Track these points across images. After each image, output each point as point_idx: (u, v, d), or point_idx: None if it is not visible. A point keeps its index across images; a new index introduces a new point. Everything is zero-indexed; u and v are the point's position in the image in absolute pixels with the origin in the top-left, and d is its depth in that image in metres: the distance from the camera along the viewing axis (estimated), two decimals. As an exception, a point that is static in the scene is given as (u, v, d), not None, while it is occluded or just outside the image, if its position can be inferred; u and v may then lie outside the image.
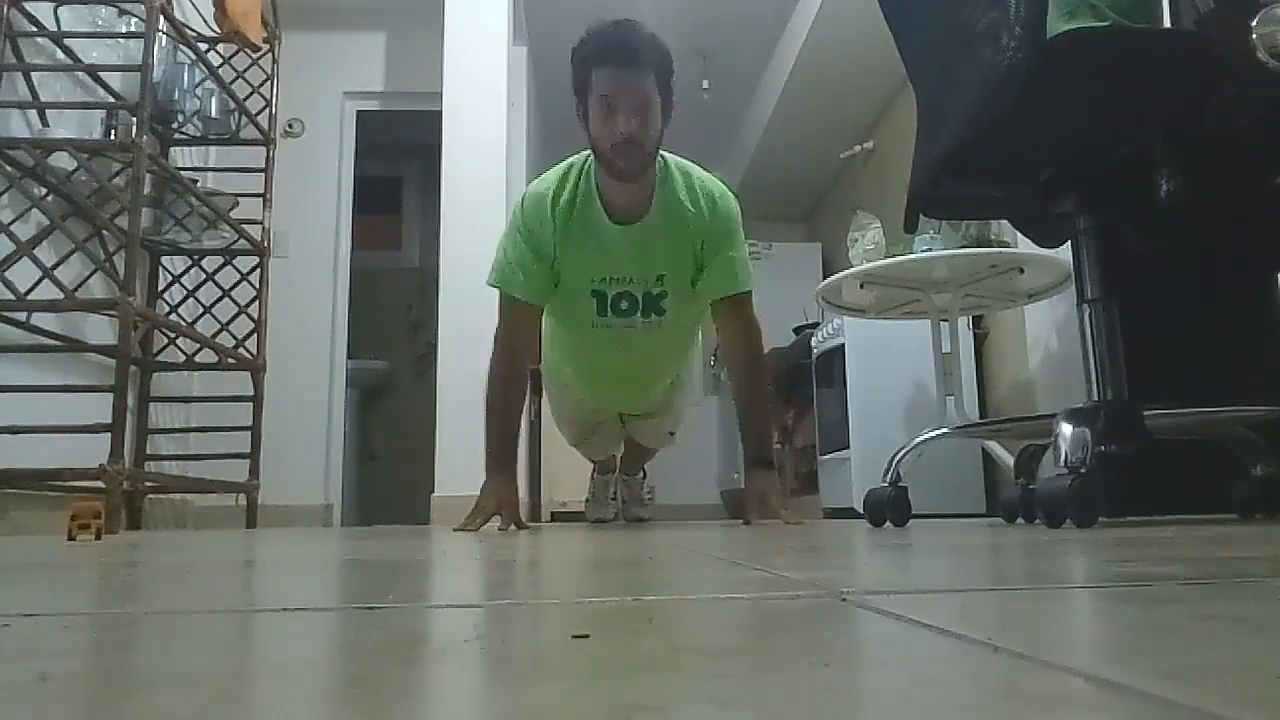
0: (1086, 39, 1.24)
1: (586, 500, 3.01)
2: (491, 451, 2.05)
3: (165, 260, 3.54)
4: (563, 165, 2.08)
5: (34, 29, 2.83)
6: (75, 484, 2.55)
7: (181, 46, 3.19)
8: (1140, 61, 1.29)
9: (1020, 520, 1.86)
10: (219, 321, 3.49)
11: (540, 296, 2.12)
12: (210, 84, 3.40)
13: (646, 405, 2.50)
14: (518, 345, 2.10)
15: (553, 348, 2.41)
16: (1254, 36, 1.14)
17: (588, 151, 2.03)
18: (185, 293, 3.54)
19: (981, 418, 3.42)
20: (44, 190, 2.76)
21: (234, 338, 3.46)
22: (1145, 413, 1.40)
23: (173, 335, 3.41)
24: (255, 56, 3.69)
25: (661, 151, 2.02)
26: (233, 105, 3.52)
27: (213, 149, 3.90)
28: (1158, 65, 1.29)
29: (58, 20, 2.91)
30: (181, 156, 3.72)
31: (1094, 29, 1.26)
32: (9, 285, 2.52)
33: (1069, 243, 1.57)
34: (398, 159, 5.72)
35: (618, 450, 2.82)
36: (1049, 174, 1.50)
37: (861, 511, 1.94)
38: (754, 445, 2.11)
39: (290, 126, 4.38)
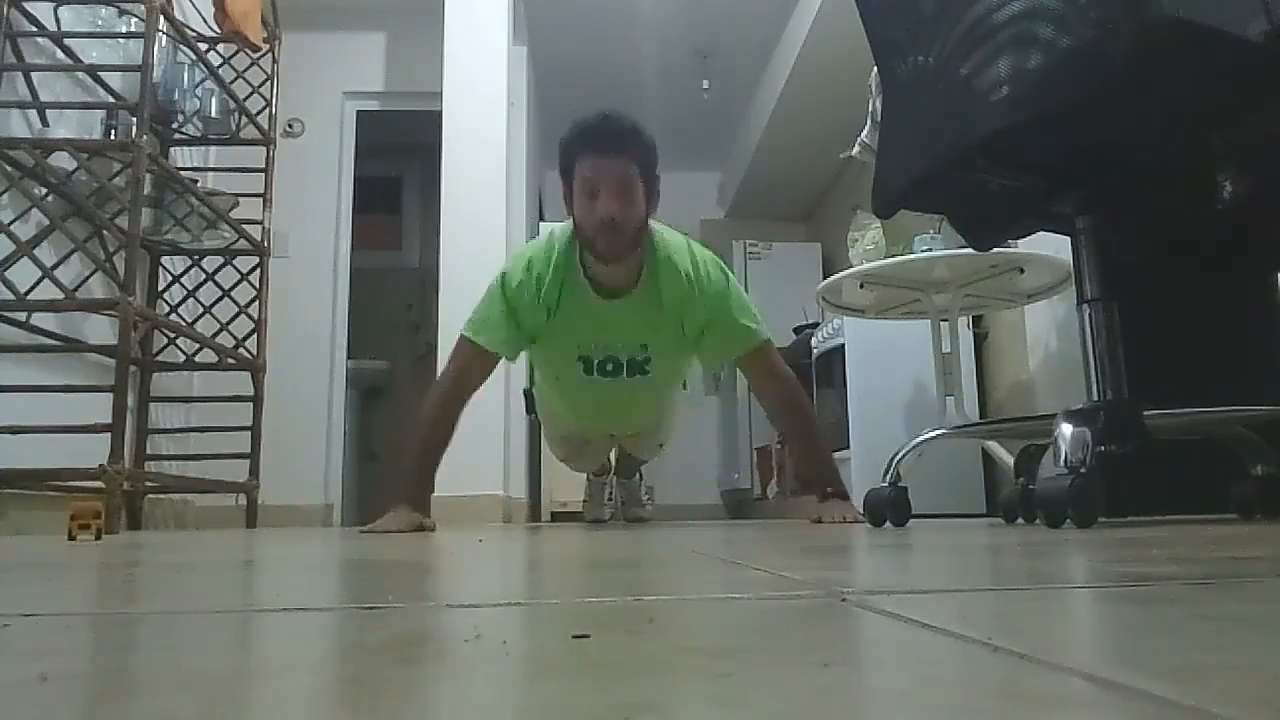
0: (1189, 28, 1.21)
1: (584, 501, 3.02)
2: (408, 483, 2.09)
3: (165, 260, 3.54)
4: (545, 243, 2.12)
5: (34, 29, 2.83)
6: (75, 484, 2.55)
7: (181, 46, 3.19)
8: (1228, 64, 1.25)
9: (1020, 520, 1.86)
10: (219, 321, 3.49)
11: (512, 355, 2.22)
12: (210, 84, 3.40)
13: (636, 428, 2.57)
14: (462, 394, 2.15)
15: (542, 381, 2.47)
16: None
17: (569, 224, 2.09)
18: (185, 293, 3.54)
19: (981, 418, 3.42)
20: (44, 190, 2.76)
21: (234, 338, 3.46)
22: (1145, 413, 1.39)
23: (173, 335, 3.41)
24: (255, 56, 3.68)
25: (654, 224, 2.08)
26: (233, 105, 3.52)
27: (213, 149, 3.89)
28: (1239, 71, 1.26)
29: (58, 20, 2.91)
30: (181, 156, 3.72)
31: (1194, 23, 1.23)
32: (9, 285, 2.52)
33: (1069, 243, 1.57)
34: (398, 159, 5.72)
35: (608, 461, 2.85)
36: (1062, 169, 1.49)
37: (861, 511, 1.94)
38: (825, 483, 2.17)
39: (290, 126, 4.38)
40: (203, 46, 3.38)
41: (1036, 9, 1.24)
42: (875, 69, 1.83)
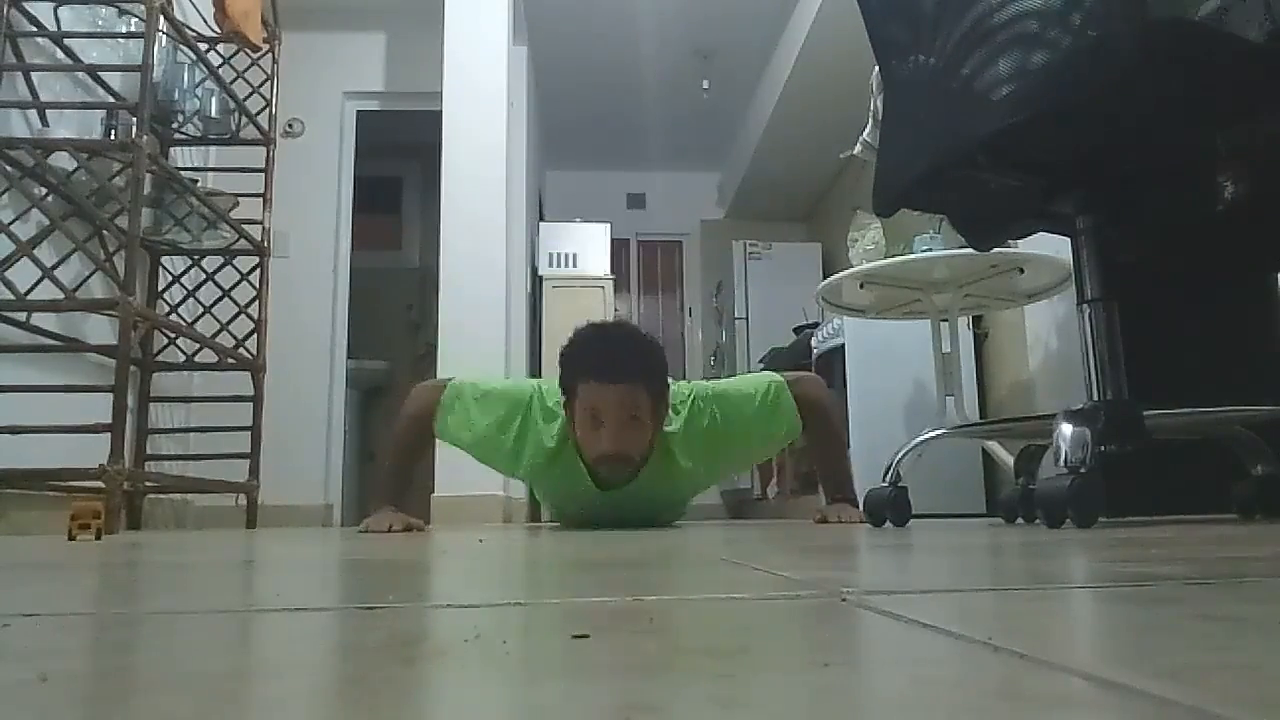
0: (1190, 28, 1.20)
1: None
2: (387, 491, 2.10)
3: (165, 260, 3.54)
4: (551, 415, 1.99)
5: (34, 29, 2.83)
6: (75, 484, 2.55)
7: (181, 46, 3.19)
8: (1228, 64, 1.25)
9: (1020, 520, 1.86)
10: (219, 321, 3.49)
11: (463, 448, 2.16)
12: (210, 84, 3.40)
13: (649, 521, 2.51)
14: (428, 433, 2.13)
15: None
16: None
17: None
18: (185, 293, 3.54)
19: (981, 418, 3.42)
20: (44, 190, 2.76)
21: (234, 338, 3.46)
22: (1145, 413, 1.39)
23: (173, 335, 3.41)
24: (255, 56, 3.68)
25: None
26: (233, 105, 3.52)
27: (213, 149, 3.90)
28: (1239, 71, 1.26)
29: (58, 20, 2.91)
30: (181, 156, 3.72)
31: (1195, 23, 1.23)
32: (9, 285, 2.52)
33: (1069, 243, 1.57)
34: (398, 159, 5.73)
35: None
36: (1062, 169, 1.49)
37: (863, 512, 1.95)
38: (834, 489, 2.17)
39: (290, 126, 4.38)
40: (203, 46, 3.38)
41: (1037, 9, 1.24)
42: (877, 68, 1.82)
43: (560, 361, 1.93)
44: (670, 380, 2.00)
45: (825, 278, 3.32)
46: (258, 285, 3.55)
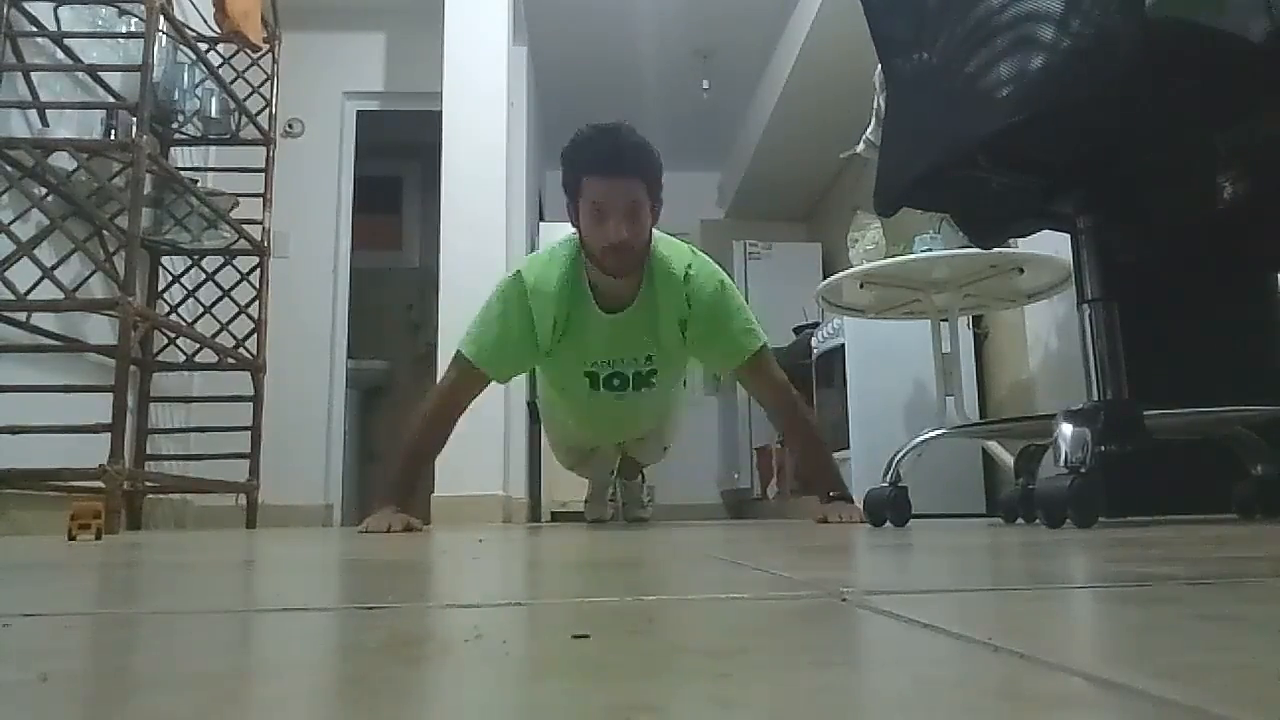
0: (1189, 29, 1.20)
1: (586, 500, 3.02)
2: (394, 486, 2.10)
3: (165, 260, 3.54)
4: (558, 254, 2.11)
5: (34, 29, 2.83)
6: (75, 484, 2.55)
7: (181, 46, 3.19)
8: (1228, 64, 1.25)
9: (1020, 520, 1.86)
10: (219, 321, 3.49)
11: (505, 379, 2.25)
12: (210, 84, 3.40)
13: (642, 434, 2.60)
14: (456, 410, 2.16)
15: (548, 393, 2.49)
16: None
17: (572, 237, 2.09)
18: (185, 293, 3.54)
19: (981, 418, 3.42)
20: (44, 190, 2.76)
21: (234, 338, 3.46)
22: (1145, 413, 1.39)
23: (173, 335, 3.41)
24: (255, 56, 3.68)
25: (654, 234, 2.09)
26: (233, 105, 3.52)
27: (213, 149, 3.89)
28: (1240, 72, 1.26)
29: (58, 20, 2.91)
30: (181, 156, 3.72)
31: (1194, 23, 1.23)
32: (9, 285, 2.52)
33: (1069, 243, 1.57)
34: (398, 159, 5.72)
35: (614, 465, 2.87)
36: (1063, 169, 1.49)
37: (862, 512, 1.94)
38: (827, 486, 2.19)
39: (290, 126, 4.38)
40: (203, 46, 3.38)
41: (1039, 9, 1.24)
42: (879, 65, 1.83)
43: (562, 161, 2.02)
44: (712, 262, 2.16)
45: (825, 278, 3.32)
46: (258, 285, 3.55)
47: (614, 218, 1.94)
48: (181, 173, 3.29)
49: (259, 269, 3.56)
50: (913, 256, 2.66)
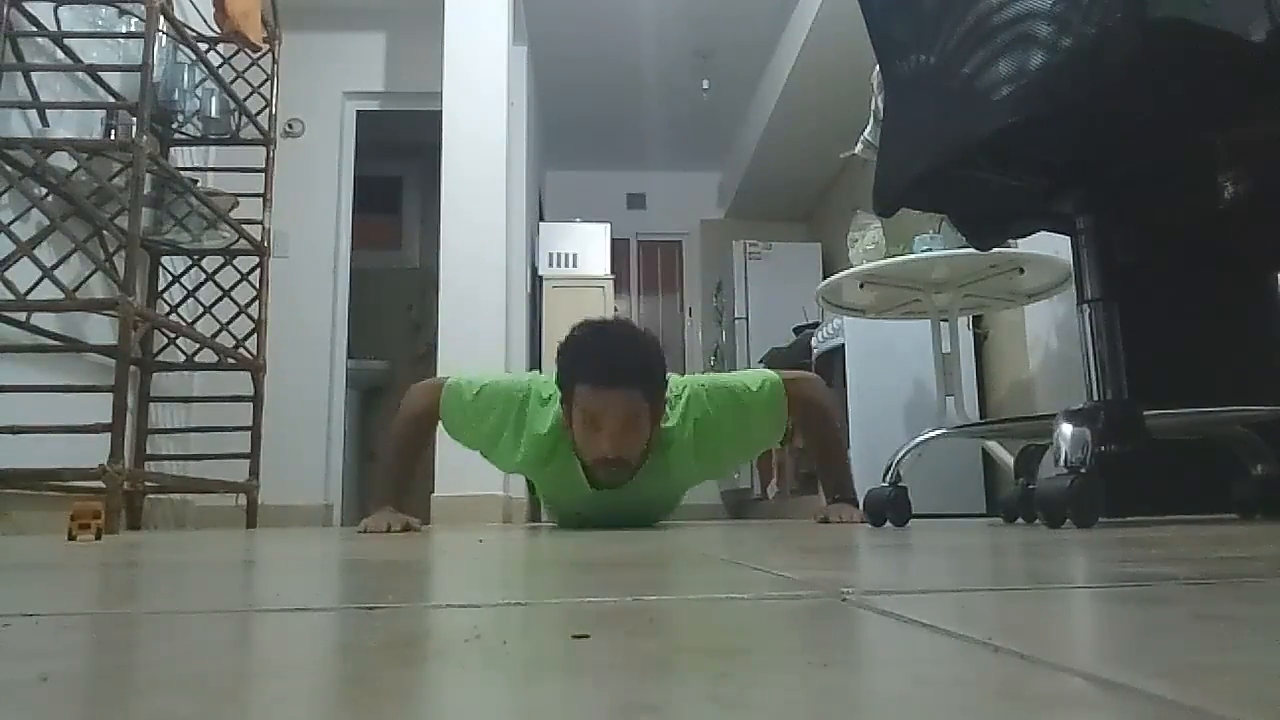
0: (1190, 29, 1.20)
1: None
2: (386, 490, 2.10)
3: (165, 260, 3.53)
4: (545, 408, 1.98)
5: (34, 29, 2.83)
6: (75, 484, 2.55)
7: (181, 46, 3.18)
8: (1228, 65, 1.25)
9: (1020, 520, 1.86)
10: (219, 321, 3.49)
11: (464, 444, 2.18)
12: (210, 84, 3.40)
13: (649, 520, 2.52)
14: (430, 426, 2.14)
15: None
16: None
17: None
18: (185, 293, 3.54)
19: (981, 418, 3.42)
20: (44, 190, 2.76)
21: (234, 338, 3.45)
22: (1145, 413, 1.39)
23: (173, 335, 3.41)
24: (255, 56, 3.68)
25: None
26: (233, 105, 3.52)
27: (213, 149, 3.89)
28: (1240, 69, 1.26)
29: (58, 20, 2.91)
30: (181, 156, 3.72)
31: (1194, 23, 1.23)
32: (9, 285, 2.52)
33: (1069, 243, 1.57)
34: (398, 159, 5.73)
35: None
36: (1063, 169, 1.49)
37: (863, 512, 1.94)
38: (834, 490, 2.17)
39: (290, 126, 4.38)
40: (203, 46, 3.38)
41: (1038, 9, 1.24)
42: (878, 66, 1.83)
43: (557, 361, 1.92)
44: (668, 375, 2.00)
45: (825, 278, 3.32)
46: (258, 285, 3.55)
47: (609, 431, 1.83)
48: (181, 173, 3.29)
49: (259, 269, 3.56)
50: (913, 256, 2.66)
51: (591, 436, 1.86)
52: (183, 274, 3.53)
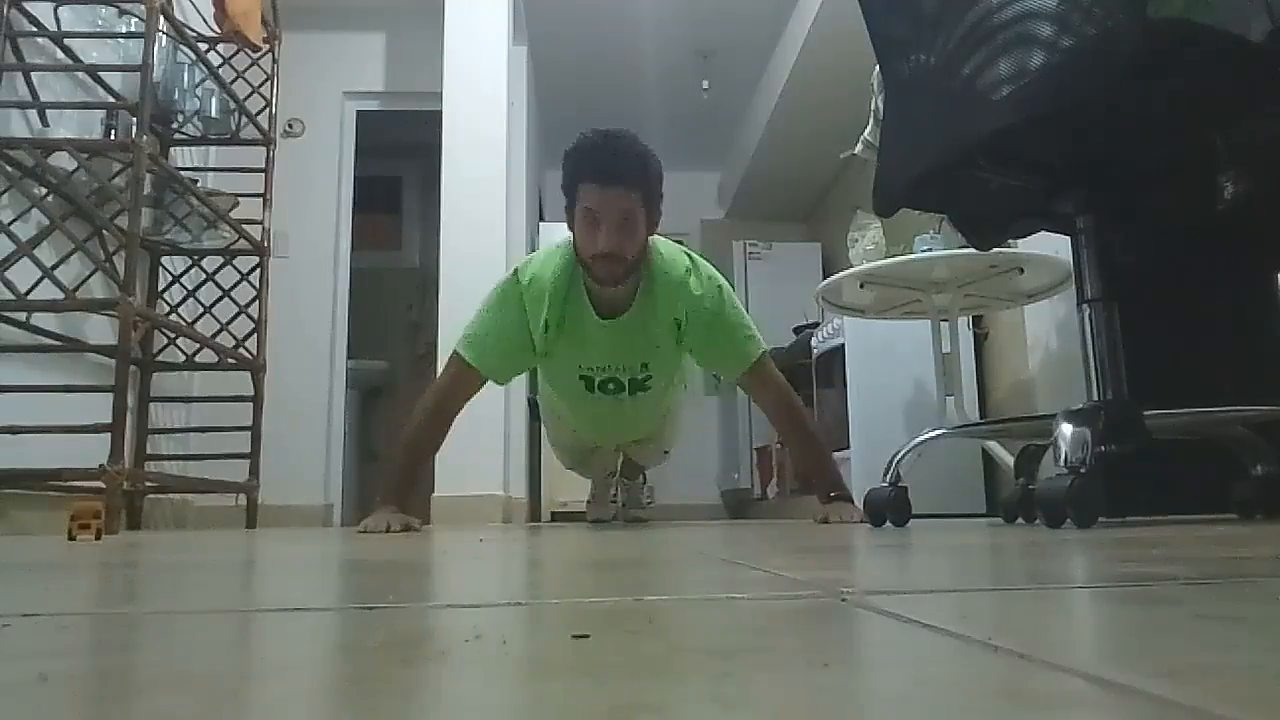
0: (1190, 29, 1.20)
1: (588, 501, 3.02)
2: (391, 488, 2.10)
3: (165, 260, 3.54)
4: (555, 255, 2.10)
5: (34, 29, 2.83)
6: (75, 484, 2.55)
7: (181, 46, 3.19)
8: (1228, 63, 1.25)
9: (1020, 520, 1.86)
10: (219, 321, 3.49)
11: (502, 379, 2.24)
12: (210, 84, 3.40)
13: (640, 436, 2.60)
14: (452, 408, 2.16)
15: (546, 390, 2.49)
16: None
17: (571, 239, 2.09)
18: (185, 293, 3.54)
19: (981, 418, 3.42)
20: (44, 190, 2.76)
21: (234, 338, 3.46)
22: (1145, 413, 1.39)
23: (173, 335, 3.41)
24: (255, 56, 3.68)
25: (652, 239, 2.09)
26: (233, 105, 3.52)
27: (213, 149, 3.89)
28: (1240, 69, 1.26)
29: (58, 20, 2.91)
30: (181, 156, 3.72)
31: (1195, 23, 1.23)
32: (9, 285, 2.52)
33: (1069, 243, 1.57)
34: (398, 159, 5.72)
35: (614, 467, 2.88)
36: (1063, 169, 1.49)
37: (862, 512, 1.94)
38: (828, 487, 2.20)
39: (290, 126, 4.38)
40: (203, 46, 3.38)
41: (1038, 9, 1.24)
42: (877, 66, 1.82)
43: (563, 163, 2.01)
44: (710, 265, 2.15)
45: (825, 278, 3.31)
46: (258, 285, 3.55)
47: (606, 227, 1.94)
48: (181, 173, 3.29)
49: (259, 269, 3.56)
50: (913, 256, 2.66)
51: (591, 232, 1.96)
52: (183, 274, 3.53)
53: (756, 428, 5.22)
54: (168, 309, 3.47)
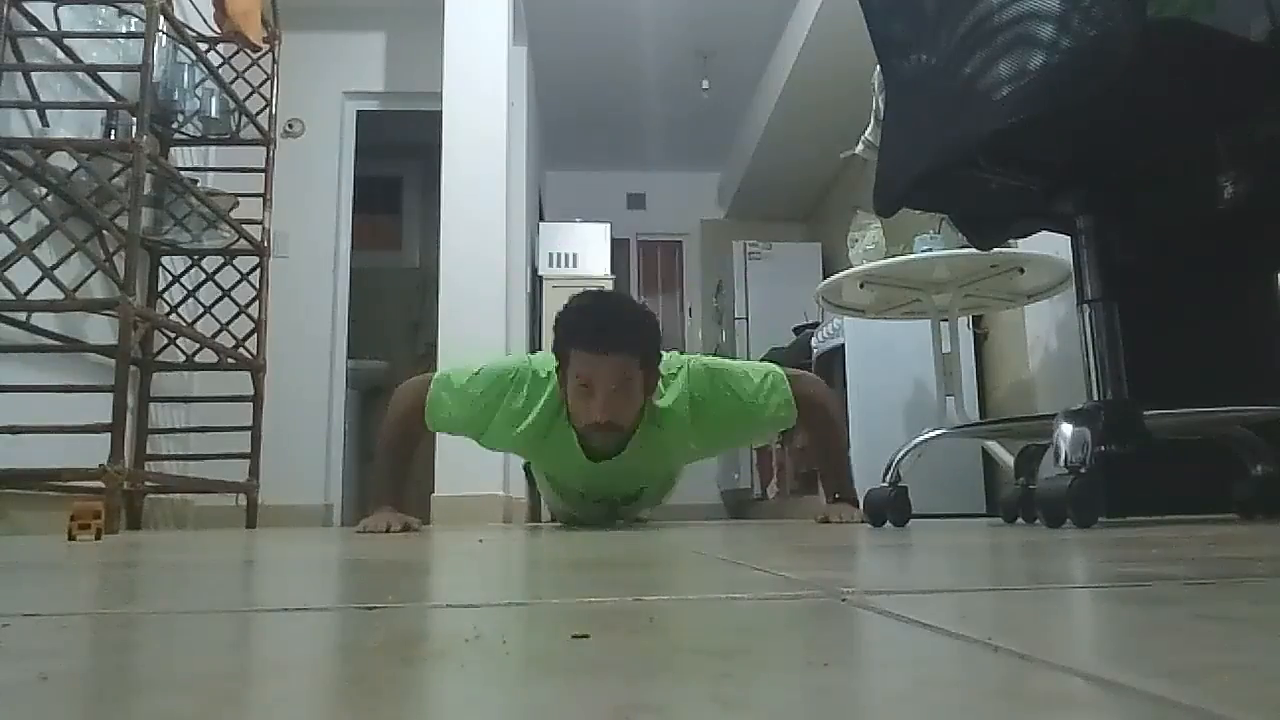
0: (1190, 29, 1.20)
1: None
2: (383, 489, 2.09)
3: (165, 260, 3.53)
4: (543, 389, 1.99)
5: (34, 29, 2.83)
6: (75, 484, 2.55)
7: (181, 46, 3.18)
8: (1228, 63, 1.25)
9: (1020, 520, 1.86)
10: (219, 321, 3.49)
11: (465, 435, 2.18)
12: (210, 84, 3.40)
13: (636, 511, 2.53)
14: (418, 425, 2.11)
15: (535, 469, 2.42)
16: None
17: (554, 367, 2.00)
18: (185, 293, 3.54)
19: (981, 418, 3.42)
20: (44, 190, 2.76)
21: (234, 338, 3.45)
22: (1145, 413, 1.39)
23: (173, 335, 3.41)
24: (255, 56, 3.68)
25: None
26: (233, 105, 3.52)
27: (213, 149, 3.89)
28: (1240, 69, 1.26)
29: (58, 20, 2.91)
30: (181, 156, 3.72)
31: (1195, 23, 1.23)
32: (9, 285, 2.52)
33: (1069, 243, 1.57)
34: (398, 159, 5.73)
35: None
36: (1063, 169, 1.49)
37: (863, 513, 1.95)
38: (835, 489, 2.19)
39: (290, 126, 4.38)
40: (203, 46, 3.38)
41: (1038, 10, 1.24)
42: (877, 66, 1.82)
43: (554, 327, 1.95)
44: (664, 352, 2.01)
45: (825, 278, 3.32)
46: (258, 285, 3.55)
47: (600, 396, 1.85)
48: (181, 173, 3.29)
49: (259, 269, 3.56)
50: (913, 256, 2.66)
51: (584, 402, 1.88)
52: (183, 274, 3.53)
53: (756, 428, 5.21)
54: (168, 309, 3.47)
